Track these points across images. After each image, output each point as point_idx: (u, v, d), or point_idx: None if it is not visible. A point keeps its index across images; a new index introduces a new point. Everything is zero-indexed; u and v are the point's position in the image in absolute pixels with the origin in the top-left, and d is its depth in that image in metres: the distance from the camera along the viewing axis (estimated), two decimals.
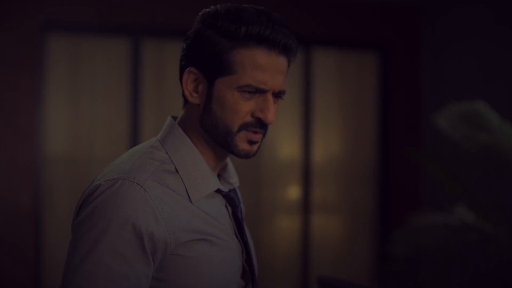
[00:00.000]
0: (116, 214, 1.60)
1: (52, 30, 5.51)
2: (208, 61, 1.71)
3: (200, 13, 1.77)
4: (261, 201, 6.05)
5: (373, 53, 6.35)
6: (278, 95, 1.74)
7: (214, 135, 1.74)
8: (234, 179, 1.89)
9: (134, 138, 5.58)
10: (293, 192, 6.14)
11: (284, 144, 6.13)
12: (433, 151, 5.97)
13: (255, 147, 1.77)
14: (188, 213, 1.69)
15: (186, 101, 1.80)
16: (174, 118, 1.83)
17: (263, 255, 6.01)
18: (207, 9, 1.76)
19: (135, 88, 5.65)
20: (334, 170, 6.23)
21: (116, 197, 1.62)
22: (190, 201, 1.72)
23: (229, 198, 1.83)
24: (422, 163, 5.27)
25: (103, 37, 5.64)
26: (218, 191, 1.80)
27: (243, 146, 1.75)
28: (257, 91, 1.70)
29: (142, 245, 1.61)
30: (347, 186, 6.28)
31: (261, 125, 1.74)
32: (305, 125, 6.13)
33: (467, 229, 4.62)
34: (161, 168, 1.71)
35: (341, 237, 6.27)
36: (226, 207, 1.82)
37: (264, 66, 1.69)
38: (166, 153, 1.75)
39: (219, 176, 1.87)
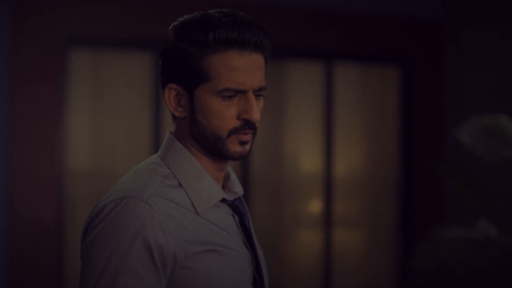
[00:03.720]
0: (125, 232, 1.61)
1: (75, 44, 5.54)
2: (184, 72, 1.73)
3: (169, 27, 1.79)
4: (283, 215, 6.04)
5: (395, 67, 6.34)
6: (259, 92, 1.75)
7: (204, 143, 1.76)
8: (238, 188, 1.89)
9: (156, 152, 5.58)
10: (315, 206, 6.13)
11: (306, 157, 6.12)
12: (455, 165, 5.95)
13: (247, 146, 1.77)
14: (195, 225, 1.70)
15: (174, 116, 1.82)
16: (171, 133, 1.85)
17: (285, 269, 6.00)
18: (175, 22, 1.78)
19: (157, 102, 5.67)
20: (356, 184, 6.22)
21: (123, 215, 1.63)
22: (197, 213, 1.73)
23: (235, 207, 1.83)
24: (444, 177, 5.24)
25: (125, 52, 5.67)
26: (223, 200, 1.81)
27: (236, 148, 1.75)
28: (236, 93, 1.72)
29: (153, 260, 1.62)
30: (369, 200, 6.26)
31: (249, 126, 1.74)
32: (326, 139, 6.12)
33: (489, 244, 4.59)
34: (164, 183, 1.72)
35: (363, 251, 6.25)
36: (233, 216, 1.83)
37: (238, 67, 1.70)
38: (168, 168, 1.76)
39: (223, 186, 1.88)
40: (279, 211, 6.03)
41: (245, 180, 5.83)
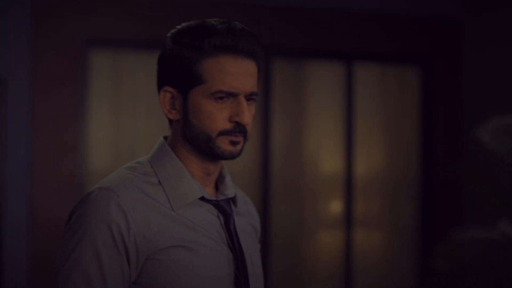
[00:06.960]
0: (93, 220, 1.74)
1: (95, 46, 5.57)
2: (179, 75, 1.86)
3: (167, 34, 1.92)
4: (303, 215, 6.04)
5: (414, 67, 6.32)
6: (250, 97, 1.84)
7: (196, 144, 1.84)
8: (228, 191, 1.94)
9: None
10: (335, 206, 6.12)
11: (326, 158, 6.12)
12: (475, 165, 5.92)
13: (238, 147, 1.84)
14: (167, 220, 1.79)
15: (170, 120, 1.92)
16: (166, 137, 1.96)
17: (305, 269, 5.99)
18: (173, 29, 1.90)
19: None
20: (376, 185, 6.21)
21: (94, 203, 1.75)
22: (172, 209, 1.81)
23: (220, 207, 1.89)
24: (464, 177, 5.23)
25: (145, 53, 5.69)
26: (205, 200, 1.88)
27: (226, 147, 1.83)
28: (228, 96, 1.81)
29: (116, 245, 1.73)
30: (389, 201, 6.25)
31: (239, 129, 1.82)
32: (346, 139, 6.11)
33: (510, 244, 4.58)
34: (143, 179, 1.84)
35: (383, 251, 6.24)
36: (218, 216, 1.89)
37: (231, 71, 1.80)
38: (151, 167, 1.88)
39: (217, 188, 1.95)
40: (299, 212, 6.03)
41: (265, 181, 5.83)
